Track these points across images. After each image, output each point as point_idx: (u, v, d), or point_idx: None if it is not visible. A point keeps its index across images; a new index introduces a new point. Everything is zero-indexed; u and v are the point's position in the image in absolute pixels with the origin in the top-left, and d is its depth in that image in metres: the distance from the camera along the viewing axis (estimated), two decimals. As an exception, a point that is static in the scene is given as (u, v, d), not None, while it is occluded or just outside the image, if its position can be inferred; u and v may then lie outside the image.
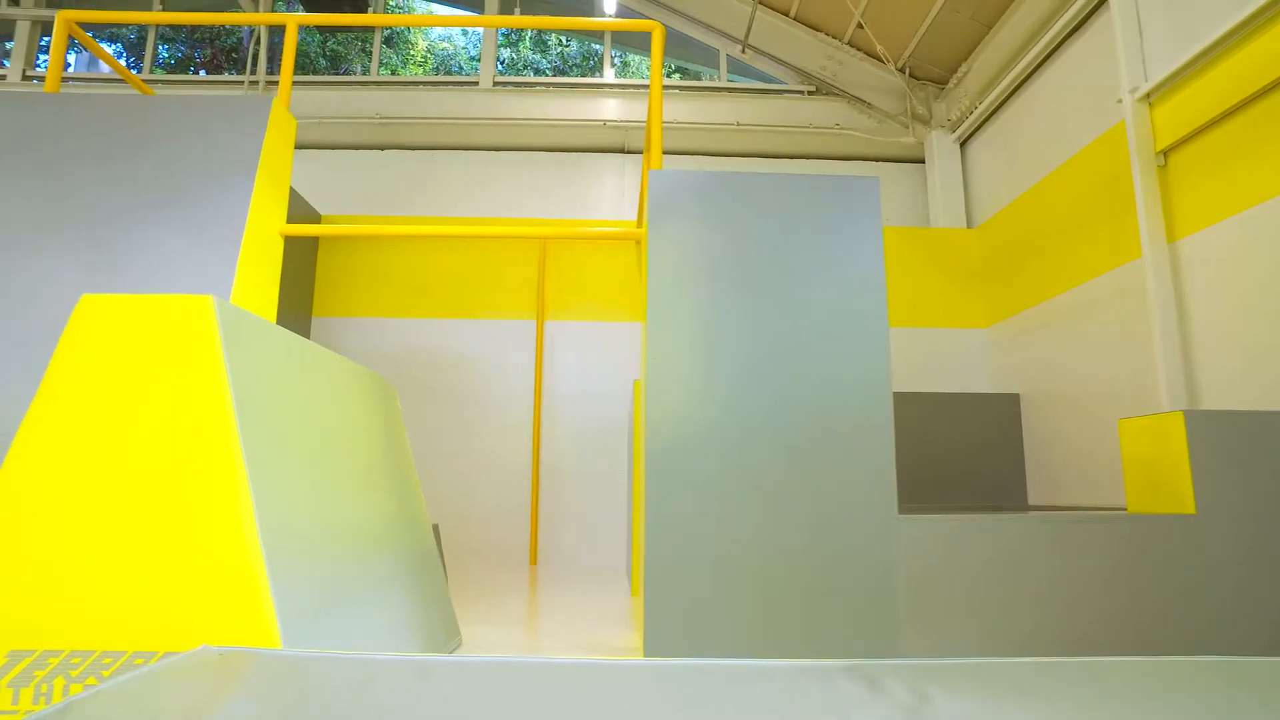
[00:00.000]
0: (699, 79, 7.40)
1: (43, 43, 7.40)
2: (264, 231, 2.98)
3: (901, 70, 6.33)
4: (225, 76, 7.19)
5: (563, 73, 8.09)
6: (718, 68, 7.11)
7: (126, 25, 7.71)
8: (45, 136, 3.06)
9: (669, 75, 7.51)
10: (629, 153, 6.71)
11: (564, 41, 8.27)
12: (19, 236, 2.91)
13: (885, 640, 2.43)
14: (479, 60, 7.51)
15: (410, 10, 8.59)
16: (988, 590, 2.50)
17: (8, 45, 7.46)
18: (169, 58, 8.09)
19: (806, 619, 2.42)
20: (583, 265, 6.11)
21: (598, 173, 6.65)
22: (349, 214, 6.37)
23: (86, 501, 1.59)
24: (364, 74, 7.41)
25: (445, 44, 8.75)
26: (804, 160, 6.76)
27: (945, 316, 5.99)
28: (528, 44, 8.47)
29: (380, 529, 2.22)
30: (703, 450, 2.51)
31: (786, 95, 6.78)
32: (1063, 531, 2.55)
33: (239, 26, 7.56)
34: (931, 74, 6.35)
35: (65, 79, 7.21)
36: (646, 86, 6.92)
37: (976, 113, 5.87)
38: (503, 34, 7.43)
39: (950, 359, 5.91)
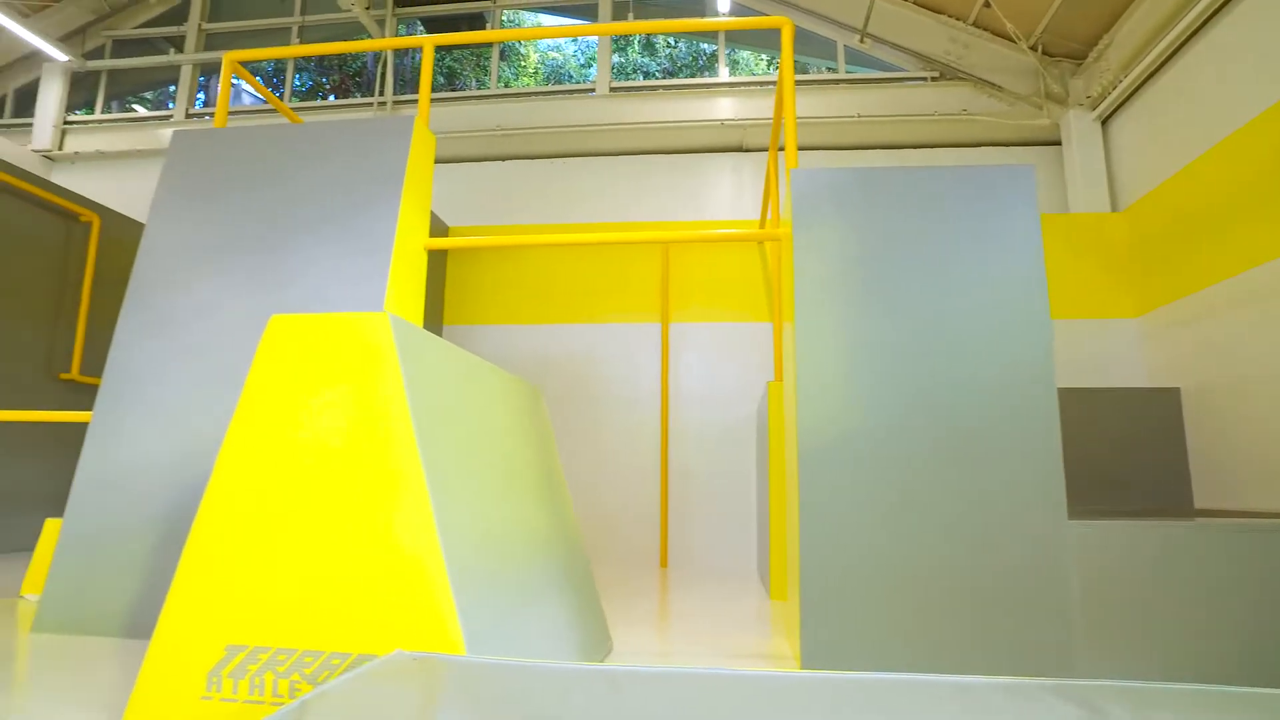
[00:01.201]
0: (806, 72, 7.25)
1: (200, 81, 8.03)
2: (410, 246, 3.11)
3: (1033, 48, 5.99)
4: (356, 99, 7.58)
5: (672, 74, 8.10)
6: (833, 59, 6.94)
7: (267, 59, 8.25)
8: (217, 167, 3.31)
9: (776, 70, 7.38)
10: (746, 151, 6.65)
11: (672, 43, 8.29)
12: (195, 259, 3.16)
13: (1057, 657, 2.29)
14: (588, 68, 7.63)
15: (520, 24, 8.83)
16: (1177, 605, 2.31)
17: (171, 89, 8.14)
18: (300, 85, 8.61)
19: (970, 631, 2.31)
20: (705, 266, 6.09)
21: (714, 172, 6.62)
22: (474, 225, 6.59)
23: (285, 508, 1.69)
24: (480, 89, 7.65)
25: (555, 54, 8.95)
26: (928, 149, 6.50)
27: (1089, 306, 5.63)
28: (636, 48, 8.54)
29: (538, 534, 2.27)
30: (858, 453, 2.44)
31: (908, 83, 6.55)
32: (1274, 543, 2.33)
33: (364, 52, 7.95)
34: (1067, 49, 5.97)
35: (209, 113, 7.80)
36: (762, 84, 6.84)
37: (1121, 88, 5.48)
38: (614, 39, 7.51)
39: (1096, 352, 5.54)
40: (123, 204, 7.44)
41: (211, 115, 7.80)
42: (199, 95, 8.01)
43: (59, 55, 7.58)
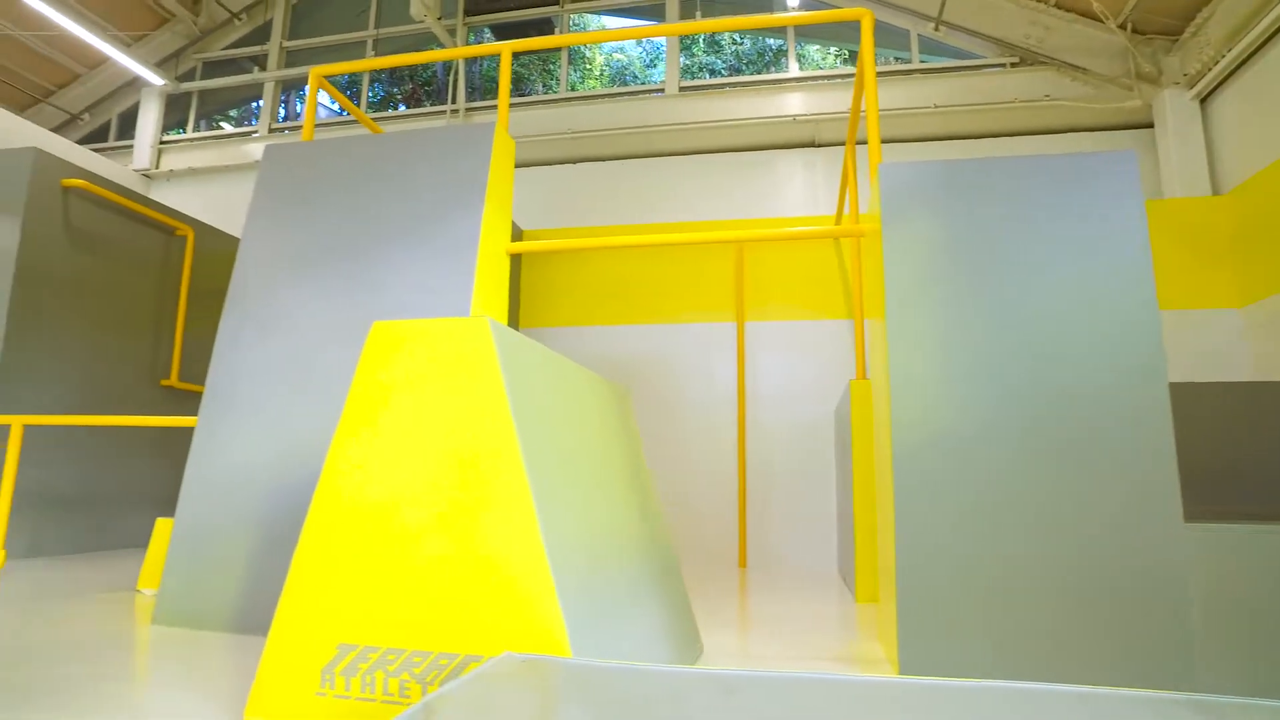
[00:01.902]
0: (878, 63, 7.08)
1: (281, 97, 8.34)
2: (494, 250, 3.17)
3: (1122, 26, 5.73)
4: (427, 108, 7.75)
5: (738, 71, 8.04)
6: (905, 49, 6.77)
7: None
8: (307, 178, 3.43)
9: (843, 63, 7.24)
10: (819, 146, 6.55)
11: (738, 40, 8.22)
12: (288, 267, 3.27)
13: (1174, 668, 2.17)
14: (653, 68, 7.63)
15: (585, 28, 8.89)
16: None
17: (254, 105, 8.48)
18: (373, 96, 8.85)
19: (1079, 639, 2.22)
20: (779, 264, 6.03)
21: (786, 169, 6.54)
22: (546, 228, 6.67)
23: (390, 512, 1.74)
24: (547, 93, 7.73)
25: (619, 55, 8.98)
26: (1008, 138, 6.29)
27: (1188, 296, 5.35)
28: (701, 46, 8.50)
29: (631, 535, 2.28)
30: (956, 453, 2.37)
31: (986, 70, 6.34)
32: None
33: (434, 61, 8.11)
34: (1160, 26, 5.69)
35: (290, 127, 8.09)
36: (832, 77, 6.73)
37: (1223, 64, 5.19)
38: (681, 38, 7.50)
39: (1196, 344, 5.27)
40: (213, 216, 7.79)
41: (291, 129, 8.10)
42: (279, 110, 8.33)
43: (156, 80, 7.98)
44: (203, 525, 2.98)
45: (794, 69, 7.01)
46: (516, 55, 8.39)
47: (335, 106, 8.35)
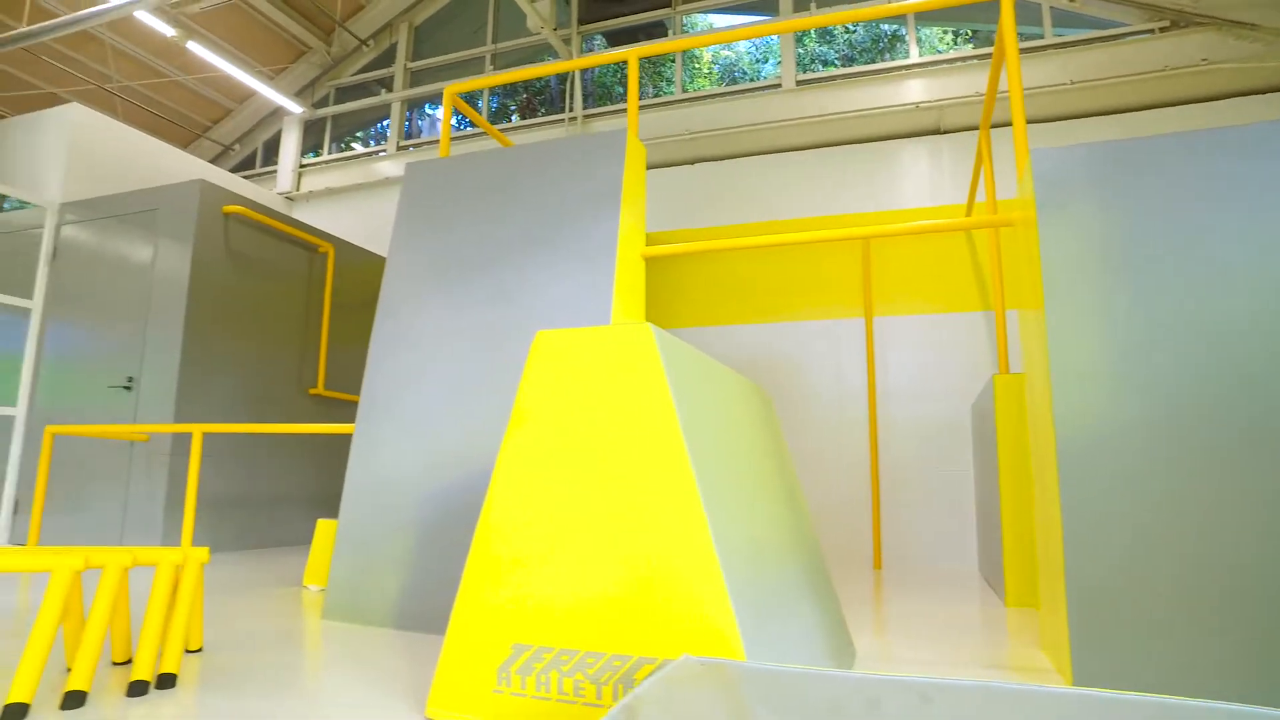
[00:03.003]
0: (990, 42, 6.72)
1: (406, 114, 8.75)
2: (630, 255, 3.20)
3: (1292, -20, 5.22)
4: (542, 118, 7.93)
5: (851, 61, 7.82)
6: (1035, 24, 6.40)
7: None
8: (446, 192, 3.57)
9: (957, 45, 6.91)
10: (944, 133, 6.29)
11: (850, 28, 8.00)
12: (432, 279, 3.42)
13: (1405, 683, 1.95)
14: (763, 63, 7.52)
15: (694, 27, 8.87)
16: None
17: (381, 125, 8.93)
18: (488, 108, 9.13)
19: (1269, 652, 2.03)
20: (906, 257, 5.84)
21: (910, 158, 6.31)
22: (666, 230, 6.70)
23: (560, 515, 1.78)
24: (658, 96, 7.76)
25: (728, 52, 8.92)
26: (1157, 110, 5.84)
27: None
28: (812, 37, 8.33)
29: (786, 537, 2.25)
30: (1128, 450, 2.22)
31: (1130, 39, 5.92)
32: None
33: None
34: (1337, -23, 5.15)
35: (415, 143, 8.46)
36: (956, 61, 6.45)
37: None
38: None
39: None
40: (348, 233, 8.26)
41: (415, 145, 8.48)
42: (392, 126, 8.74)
43: (295, 108, 8.53)
44: (364, 527, 3.16)
45: (914, 54, 6.76)
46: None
47: (453, 121, 8.68)
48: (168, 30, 7.06)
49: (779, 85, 6.93)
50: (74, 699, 1.87)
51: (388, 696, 2.01)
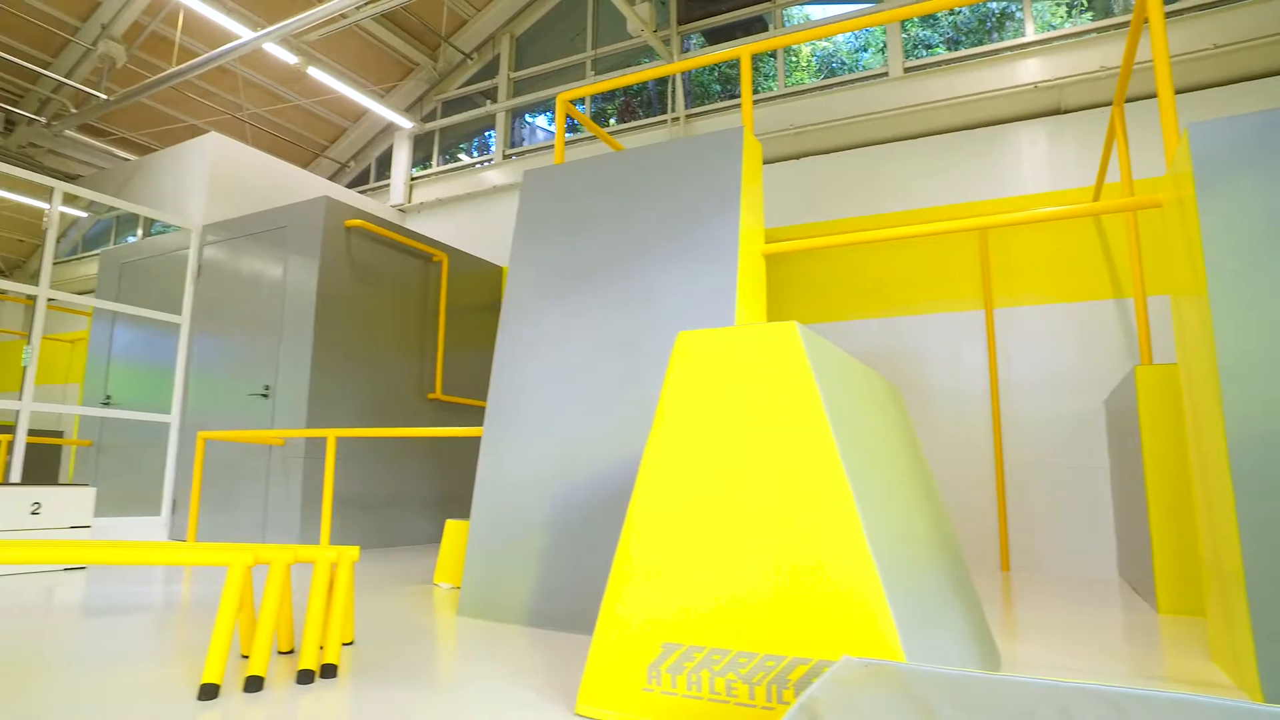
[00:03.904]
0: (1110, 14, 6.31)
1: (510, 124, 8.97)
2: (751, 254, 3.18)
3: None
4: (642, 120, 7.98)
5: (957, 44, 7.52)
6: (1167, -10, 5.99)
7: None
8: (564, 198, 3.64)
9: (1073, 18, 6.52)
10: (1065, 113, 5.97)
11: (955, 10, 7.69)
12: (553, 284, 3.49)
13: None
14: (861, 52, 7.33)
15: (791, 20, 8.72)
16: None
17: (485, 135, 9.19)
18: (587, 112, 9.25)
19: None
20: (1028, 244, 5.58)
21: (1028, 142, 6.02)
22: (773, 227, 6.63)
23: (708, 515, 1.79)
24: (758, 91, 7.67)
25: (826, 44, 8.74)
26: (1310, 74, 5.37)
27: None
28: (915, 22, 8.06)
29: (930, 537, 2.19)
30: (1319, 448, 2.04)
31: (1279, -2, 5.46)
32: None
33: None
34: None
35: (518, 152, 8.67)
36: (1074, 36, 6.11)
37: None
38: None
39: None
40: (458, 241, 8.54)
41: (519, 155, 8.69)
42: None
43: (405, 124, 8.89)
44: (495, 527, 3.26)
45: (1030, 32, 6.44)
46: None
47: (553, 128, 8.85)
48: (291, 58, 7.49)
49: (885, 74, 6.74)
50: (254, 683, 2.01)
51: (535, 692, 2.06)
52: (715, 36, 8.11)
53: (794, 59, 8.82)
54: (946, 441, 5.57)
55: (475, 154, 9.23)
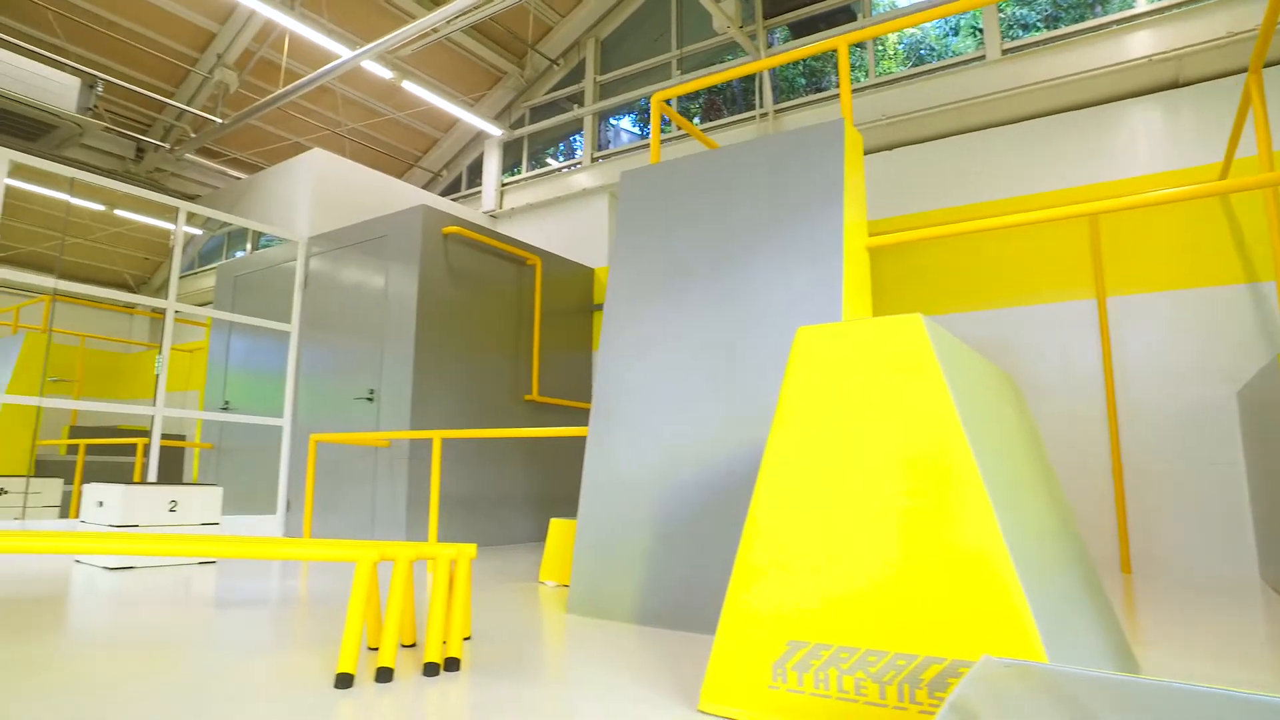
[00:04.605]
0: None
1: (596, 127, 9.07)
2: (855, 248, 3.12)
3: None
4: (727, 117, 7.93)
5: (1056, 20, 7.18)
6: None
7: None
8: (662, 198, 3.65)
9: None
10: (1182, 86, 5.62)
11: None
12: (655, 285, 3.51)
13: None
14: (952, 36, 7.07)
15: (878, 8, 8.51)
16: None
17: (572, 140, 9.32)
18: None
19: None
20: (1144, 228, 5.28)
21: (1140, 119, 5.70)
22: (874, 219, 6.49)
23: (833, 512, 1.76)
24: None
25: (914, 30, 8.47)
26: None
27: None
28: (1011, 2, 7.73)
29: (1058, 534, 2.10)
30: None
31: None
32: None
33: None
34: None
35: (604, 155, 8.74)
36: (1190, 3, 5.74)
37: None
38: (998, -3, 6.86)
39: None
40: (549, 244, 8.69)
41: (605, 158, 8.77)
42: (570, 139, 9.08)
43: (495, 131, 9.11)
44: (602, 526, 3.29)
45: (1141, 2, 6.09)
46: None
47: (636, 129, 8.89)
48: (386, 74, 7.77)
49: (982, 57, 6.50)
50: (384, 674, 2.09)
51: (652, 690, 2.07)
52: (800, 29, 8.00)
53: (881, 48, 8.61)
54: (1057, 438, 5.32)
55: (561, 158, 9.37)
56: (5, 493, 7.85)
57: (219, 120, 8.64)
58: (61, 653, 2.39)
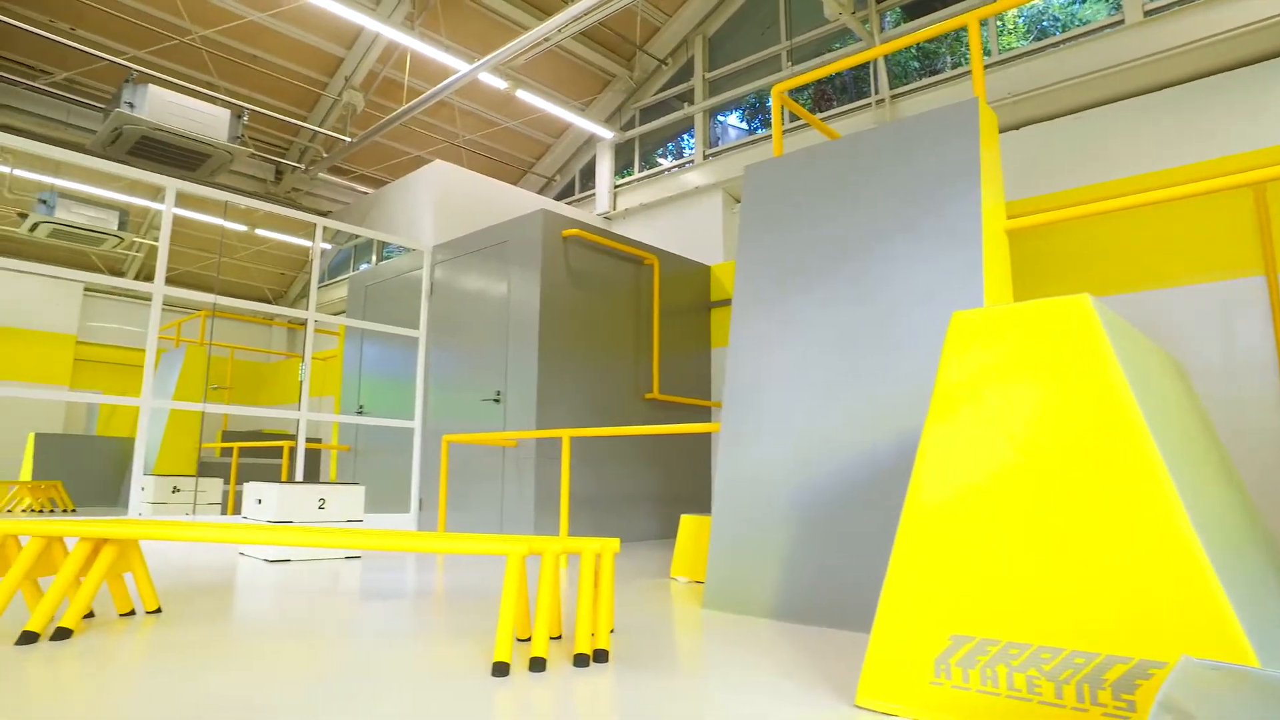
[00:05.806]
0: None
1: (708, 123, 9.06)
2: (994, 231, 2.99)
3: None
4: (852, 104, 7.76)
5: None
6: None
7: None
8: (787, 190, 3.62)
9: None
10: (1358, 37, 5.09)
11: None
12: (783, 277, 3.48)
13: None
14: (1078, 3, 6.64)
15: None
16: None
17: (681, 139, 9.35)
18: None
19: None
20: (1316, 197, 4.81)
21: (1311, 77, 5.20)
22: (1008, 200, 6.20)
23: (998, 503, 1.70)
24: (960, 66, 7.19)
25: (1035, 3, 8.02)
26: None
27: None
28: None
29: (1245, 526, 1.95)
30: None
31: None
32: None
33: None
34: None
35: (715, 151, 8.71)
36: (1372, -56, 5.18)
37: None
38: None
39: None
40: (663, 243, 8.74)
41: (716, 155, 8.74)
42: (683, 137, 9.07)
43: (606, 134, 9.25)
44: (737, 522, 3.29)
45: (1304, -50, 5.55)
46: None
47: (744, 124, 8.81)
48: (500, 84, 8.02)
49: (1120, 22, 6.08)
50: (537, 664, 2.16)
51: (799, 684, 2.05)
52: (914, 11, 7.73)
53: (1000, 24, 8.21)
54: (1221, 426, 4.92)
55: (671, 158, 9.42)
56: (178, 491, 8.62)
57: (348, 139, 9.16)
58: (242, 637, 2.60)
